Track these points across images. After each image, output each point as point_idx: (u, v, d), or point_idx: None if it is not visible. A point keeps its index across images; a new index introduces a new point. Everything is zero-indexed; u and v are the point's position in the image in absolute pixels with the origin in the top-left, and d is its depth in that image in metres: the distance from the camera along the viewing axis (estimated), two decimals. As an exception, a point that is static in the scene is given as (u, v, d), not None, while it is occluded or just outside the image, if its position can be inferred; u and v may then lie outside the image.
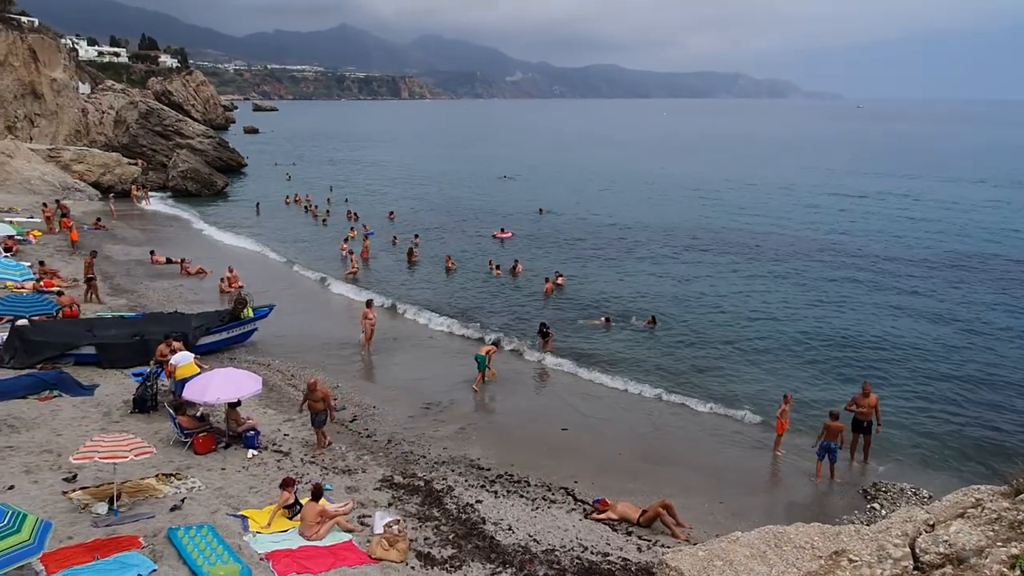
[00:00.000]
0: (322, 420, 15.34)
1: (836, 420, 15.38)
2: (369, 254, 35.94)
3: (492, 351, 20.72)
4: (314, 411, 15.33)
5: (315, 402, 15.28)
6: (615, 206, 52.93)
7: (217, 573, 10.05)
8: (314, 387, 15.37)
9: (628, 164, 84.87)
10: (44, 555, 9.74)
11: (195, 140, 66.61)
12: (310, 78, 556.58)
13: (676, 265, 34.88)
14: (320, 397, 15.25)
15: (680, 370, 21.54)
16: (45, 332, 19.77)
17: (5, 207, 40.62)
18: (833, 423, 15.31)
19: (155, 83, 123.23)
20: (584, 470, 15.38)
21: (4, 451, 13.80)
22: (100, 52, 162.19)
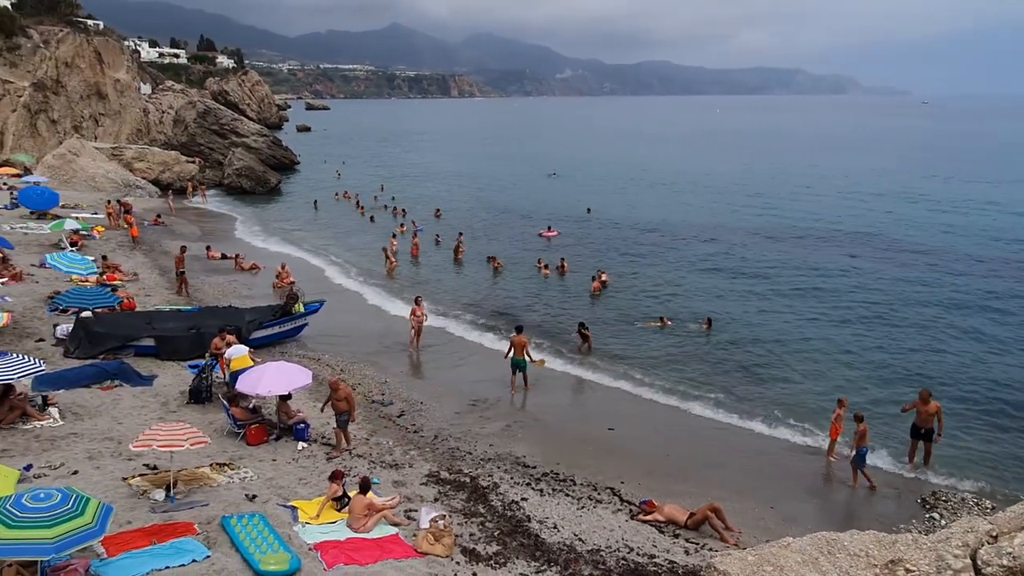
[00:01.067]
0: (344, 421, 15.14)
1: (861, 423, 14.96)
2: (418, 251, 36.26)
3: (526, 344, 19.72)
4: (337, 411, 15.10)
5: (338, 401, 15.01)
6: (666, 204, 52.34)
7: (268, 562, 10.25)
8: (336, 387, 15.12)
9: (679, 162, 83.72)
10: (105, 538, 10.09)
11: (250, 138, 68.17)
12: (361, 77, 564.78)
13: (728, 265, 34.22)
14: (343, 397, 14.96)
15: (733, 372, 21.15)
16: (107, 324, 20.47)
17: (71, 203, 42.22)
18: (862, 426, 14.91)
19: (212, 83, 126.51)
20: (630, 470, 15.25)
21: (69, 437, 14.35)
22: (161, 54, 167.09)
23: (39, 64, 61.12)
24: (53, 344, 19.80)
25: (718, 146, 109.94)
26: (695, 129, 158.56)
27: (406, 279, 32.39)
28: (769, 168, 76.53)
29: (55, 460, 13.25)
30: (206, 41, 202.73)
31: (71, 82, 63.89)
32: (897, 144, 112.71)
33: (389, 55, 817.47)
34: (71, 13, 73.72)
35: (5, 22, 60.73)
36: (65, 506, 9.36)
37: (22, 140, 58.86)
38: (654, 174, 71.10)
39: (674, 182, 65.17)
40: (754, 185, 62.80)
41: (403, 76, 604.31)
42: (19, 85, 59.08)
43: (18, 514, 9.05)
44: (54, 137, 60.69)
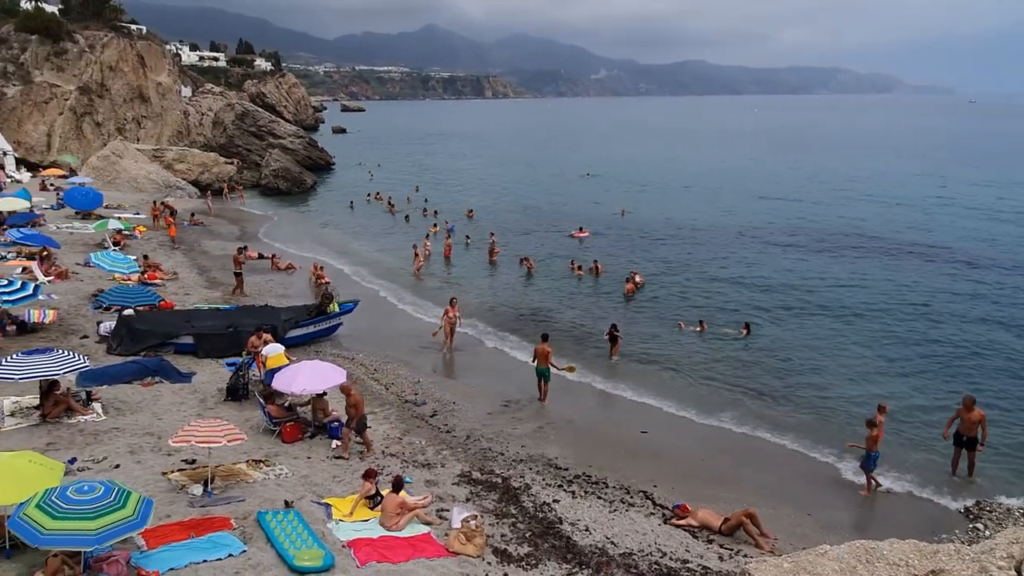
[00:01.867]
0: (364, 426, 15.02)
1: (872, 428, 14.71)
2: (452, 251, 36.44)
3: (550, 353, 19.07)
4: (348, 416, 14.94)
5: (348, 407, 14.83)
6: (701, 206, 51.81)
7: (302, 557, 10.38)
8: (347, 391, 14.96)
9: (715, 163, 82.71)
10: (145, 531, 10.30)
11: (287, 140, 69.18)
12: (396, 79, 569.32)
13: (766, 269, 33.69)
14: (352, 403, 14.75)
15: (770, 377, 20.84)
16: (149, 321, 20.92)
17: (114, 204, 43.27)
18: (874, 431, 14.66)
19: (250, 85, 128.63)
20: (664, 474, 15.12)
21: (112, 432, 14.69)
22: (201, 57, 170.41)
23: (85, 68, 62.76)
24: (97, 341, 20.30)
25: (756, 147, 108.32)
26: (732, 129, 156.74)
27: (440, 279, 32.56)
28: (810, 169, 75.06)
29: (98, 454, 13.58)
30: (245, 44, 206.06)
31: (115, 85, 65.49)
32: (944, 145, 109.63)
33: (424, 56, 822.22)
34: (115, 18, 75.49)
35: (52, 28, 62.47)
36: (108, 499, 9.59)
37: (68, 142, 60.52)
38: (690, 175, 70.46)
39: (710, 183, 64.47)
40: (794, 187, 61.75)
41: (437, 77, 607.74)
42: (66, 89, 60.74)
43: (63, 506, 9.30)
44: (98, 139, 62.29)
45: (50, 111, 59.70)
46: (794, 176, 69.22)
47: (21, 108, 57.95)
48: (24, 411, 15.37)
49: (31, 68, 59.69)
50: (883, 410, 15.84)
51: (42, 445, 13.61)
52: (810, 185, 62.56)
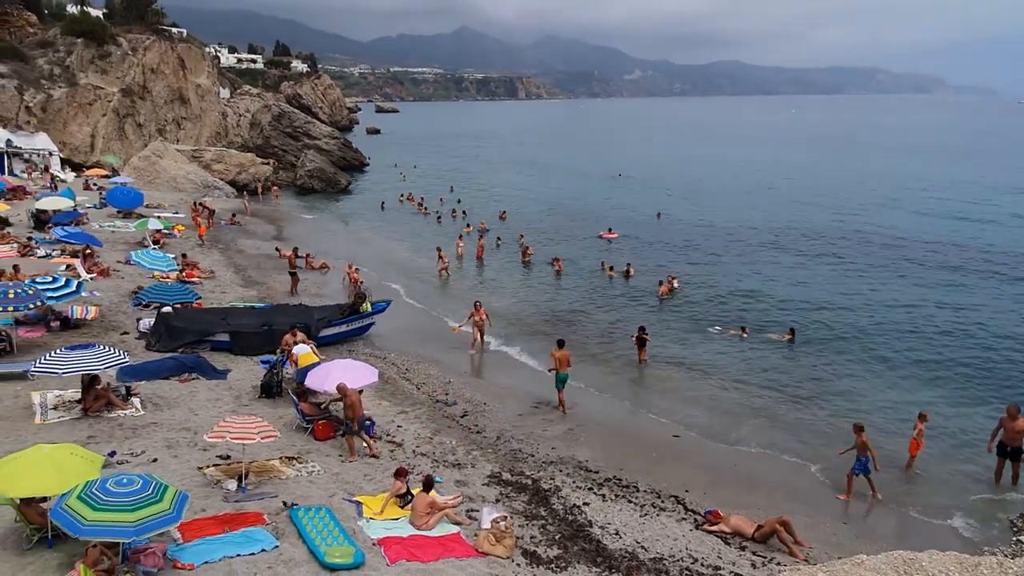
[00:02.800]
0: (363, 426, 14.95)
1: (860, 433, 14.43)
2: (484, 252, 36.50)
3: (568, 358, 18.63)
4: (347, 417, 14.83)
5: (345, 409, 14.74)
6: (737, 207, 51.21)
7: (333, 554, 10.47)
8: (343, 392, 14.84)
9: (751, 164, 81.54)
10: (181, 524, 10.49)
11: (322, 141, 70.00)
12: (430, 80, 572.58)
13: (809, 273, 33.09)
14: (349, 404, 14.65)
15: (809, 382, 20.50)
16: (186, 319, 21.27)
17: (154, 203, 44.17)
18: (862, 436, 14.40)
19: (287, 87, 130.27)
20: (696, 479, 14.96)
21: (150, 427, 14.98)
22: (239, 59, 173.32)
23: (127, 71, 64.20)
24: (136, 337, 20.71)
25: (793, 147, 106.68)
26: (768, 130, 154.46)
27: (472, 280, 32.64)
28: (849, 171, 73.69)
29: (136, 448, 13.86)
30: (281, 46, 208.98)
31: (156, 87, 66.89)
32: (998, 148, 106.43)
33: (458, 58, 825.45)
34: (157, 22, 77.10)
35: (97, 31, 64.02)
36: (146, 492, 9.78)
37: (111, 143, 61.98)
38: (725, 177, 69.67)
39: (746, 185, 63.65)
40: (833, 189, 60.52)
41: (471, 79, 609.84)
42: (109, 91, 62.21)
43: (103, 498, 9.51)
44: (140, 140, 63.68)
45: (94, 112, 61.19)
46: (834, 179, 67.93)
47: (67, 110, 59.46)
48: (66, 405, 15.75)
49: (76, 71, 61.24)
50: (924, 418, 15.48)
51: (83, 438, 13.93)
52: (852, 188, 61.31)
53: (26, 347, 19.09)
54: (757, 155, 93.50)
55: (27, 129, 56.32)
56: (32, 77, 58.93)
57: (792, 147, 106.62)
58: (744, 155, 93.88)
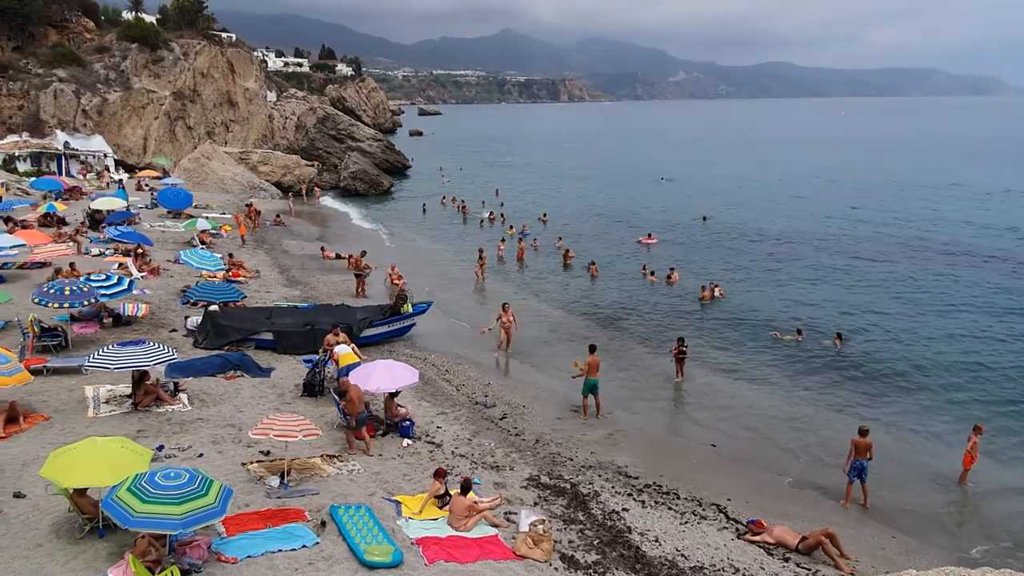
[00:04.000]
0: (363, 420, 14.98)
1: (864, 436, 14.05)
2: (524, 255, 36.50)
3: (598, 364, 18.23)
4: (349, 412, 14.87)
5: (346, 404, 14.79)
6: (784, 211, 50.42)
7: (372, 552, 10.54)
8: (345, 386, 15.02)
9: (800, 167, 79.95)
10: (225, 518, 10.69)
11: (365, 143, 70.89)
12: (472, 82, 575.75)
13: (858, 278, 32.34)
14: (350, 399, 14.70)
15: (856, 390, 20.03)
16: (232, 317, 21.69)
17: (203, 204, 45.21)
18: (861, 440, 13.99)
19: (332, 90, 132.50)
20: (738, 488, 14.69)
21: (196, 422, 15.31)
22: (286, 63, 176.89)
23: (179, 75, 65.96)
24: (184, 335, 21.20)
25: (844, 150, 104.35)
26: (817, 133, 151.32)
27: (512, 283, 32.64)
28: (902, 174, 71.80)
29: (184, 442, 14.18)
30: (327, 50, 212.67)
31: (206, 91, 68.57)
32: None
33: (500, 60, 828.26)
34: (208, 27, 79.13)
35: (151, 37, 65.94)
36: (192, 486, 9.98)
37: (162, 145, 63.73)
38: (773, 180, 68.45)
39: (794, 189, 62.38)
40: (886, 193, 59.09)
41: (513, 81, 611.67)
42: (161, 94, 63.99)
43: (151, 491, 9.74)
44: (189, 142, 65.33)
45: (147, 115, 62.98)
46: (885, 184, 66.22)
47: (121, 113, 61.32)
48: (118, 399, 16.19)
49: (131, 75, 63.12)
50: (979, 431, 14.97)
51: (133, 432, 14.29)
52: (903, 192, 59.80)
53: (80, 343, 19.71)
54: (806, 159, 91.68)
55: (84, 132, 58.26)
56: (89, 81, 60.93)
57: (843, 151, 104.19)
58: (792, 159, 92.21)
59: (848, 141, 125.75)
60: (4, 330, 20.03)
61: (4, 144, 53.16)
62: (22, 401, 14.97)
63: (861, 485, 14.28)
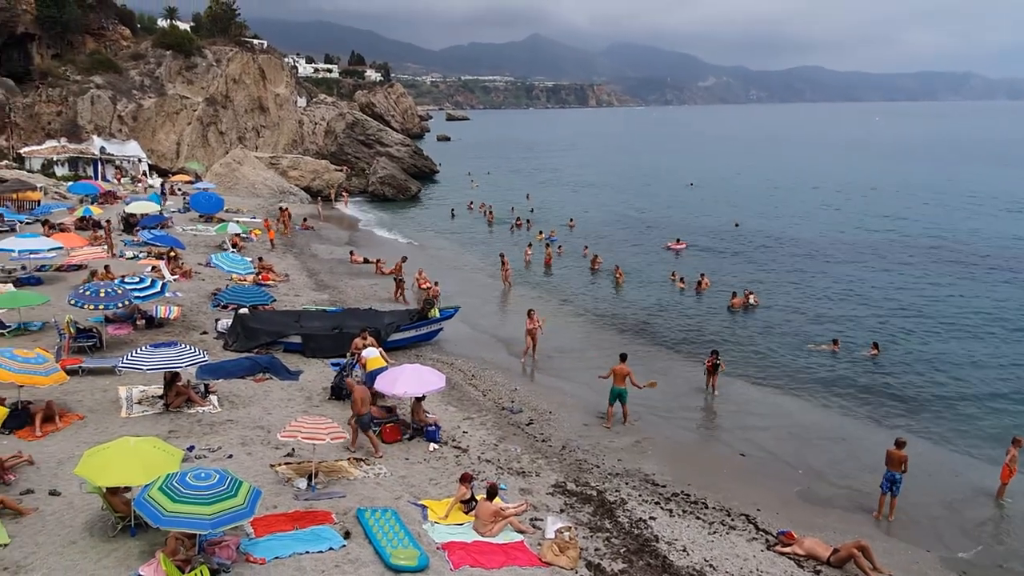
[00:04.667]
0: (366, 423, 15.00)
1: (900, 448, 13.72)
2: (552, 261, 36.43)
3: (629, 373, 17.95)
4: (357, 413, 14.98)
5: (352, 404, 15.00)
6: (817, 219, 49.75)
7: (398, 556, 10.56)
8: (350, 387, 15.46)
9: (833, 174, 78.67)
10: (254, 519, 10.79)
11: (393, 148, 71.38)
12: (500, 88, 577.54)
13: (893, 287, 31.77)
14: (355, 400, 14.85)
15: (891, 401, 19.68)
16: (261, 320, 21.94)
17: (234, 208, 45.85)
18: (896, 451, 13.67)
19: (361, 96, 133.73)
20: (768, 498, 14.48)
21: (226, 424, 15.49)
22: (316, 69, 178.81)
23: (211, 81, 67.03)
24: (215, 337, 21.48)
25: (878, 156, 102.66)
26: (851, 138, 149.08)
27: (539, 288, 32.58)
28: (938, 181, 70.45)
29: (213, 443, 14.35)
30: (356, 56, 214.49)
31: (238, 97, 69.58)
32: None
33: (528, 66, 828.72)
34: (240, 34, 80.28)
35: (185, 44, 67.13)
36: (222, 487, 10.09)
37: (195, 150, 64.76)
38: (804, 187, 67.57)
39: (827, 196, 61.53)
40: (922, 200, 57.92)
41: (541, 86, 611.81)
42: (194, 100, 65.06)
43: (182, 490, 9.86)
44: (221, 147, 66.32)
45: (180, 121, 64.08)
46: (920, 188, 65.02)
47: (155, 118, 62.47)
48: (150, 400, 16.44)
49: (165, 81, 64.31)
50: (1018, 444, 14.59)
51: (164, 432, 14.50)
52: (940, 199, 58.62)
53: (114, 344, 20.08)
54: (840, 165, 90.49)
55: (119, 137, 59.45)
56: (125, 88, 62.18)
57: (878, 157, 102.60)
58: (825, 165, 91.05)
59: (883, 146, 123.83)
60: (42, 331, 20.49)
61: (43, 149, 54.42)
62: (58, 401, 15.28)
63: (891, 497, 14.00)
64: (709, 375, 20.24)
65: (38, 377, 14.43)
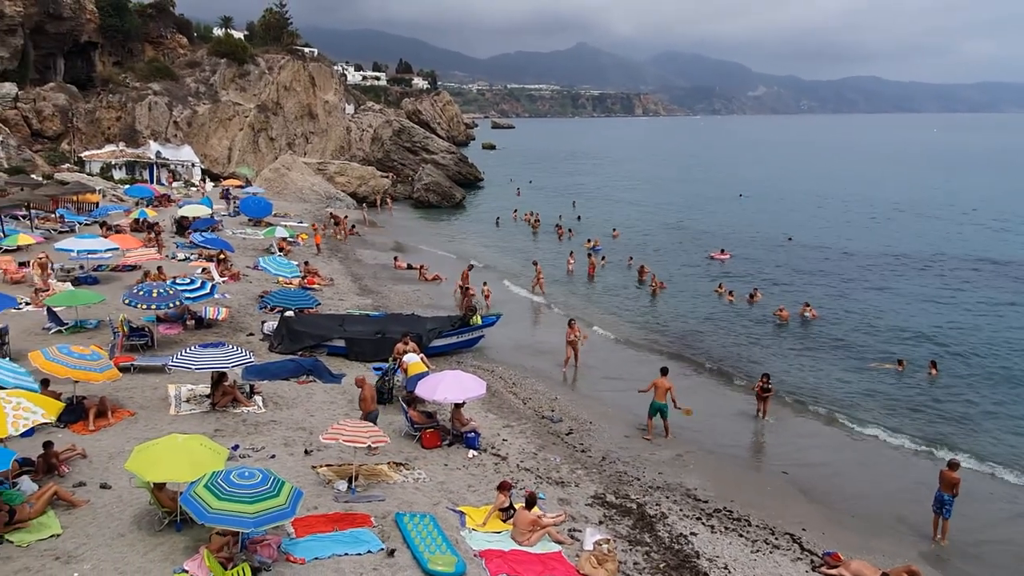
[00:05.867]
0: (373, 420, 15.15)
1: (953, 470, 13.20)
2: (595, 270, 36.25)
3: (671, 388, 17.65)
4: (366, 411, 15.24)
5: (361, 401, 15.30)
6: (875, 233, 48.49)
7: (436, 562, 10.56)
8: (360, 383, 15.67)
9: (891, 186, 76.79)
10: (294, 520, 10.90)
11: (439, 155, 71.96)
12: (546, 96, 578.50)
13: (954, 304, 30.90)
14: (362, 397, 15.12)
15: (949, 422, 19.04)
16: (306, 323, 22.24)
17: (281, 213, 46.74)
18: (949, 473, 13.14)
19: (408, 103, 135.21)
20: (814, 518, 14.08)
21: (270, 424, 15.73)
22: (364, 77, 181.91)
23: (263, 88, 68.66)
24: (260, 339, 21.83)
25: (937, 169, 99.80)
26: (909, 151, 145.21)
27: (581, 298, 32.43)
28: (1002, 196, 68.06)
29: (257, 443, 14.56)
30: (404, 64, 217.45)
31: (288, 104, 71.12)
32: None
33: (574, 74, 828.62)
34: (291, 42, 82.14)
35: (239, 52, 68.91)
36: (265, 486, 10.24)
37: (245, 155, 66.35)
38: (858, 200, 65.94)
39: (883, 210, 59.91)
40: (984, 216, 56.06)
41: (587, 95, 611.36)
42: (246, 107, 66.67)
43: (227, 488, 10.03)
44: (271, 153, 67.81)
45: (232, 127, 65.72)
46: (982, 203, 62.84)
47: (209, 124, 64.19)
48: (197, 398, 16.79)
49: (219, 88, 66.08)
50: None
51: (211, 431, 14.77)
52: (1003, 214, 56.64)
53: (165, 343, 20.59)
54: (896, 177, 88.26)
55: (174, 142, 61.24)
56: (181, 94, 64.07)
57: (937, 169, 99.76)
58: (881, 177, 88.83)
59: (942, 159, 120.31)
60: (97, 329, 21.12)
61: (102, 153, 56.35)
62: (111, 397, 15.71)
63: (942, 520, 13.52)
64: (759, 400, 19.29)
65: (93, 373, 14.86)
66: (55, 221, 37.29)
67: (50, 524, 10.82)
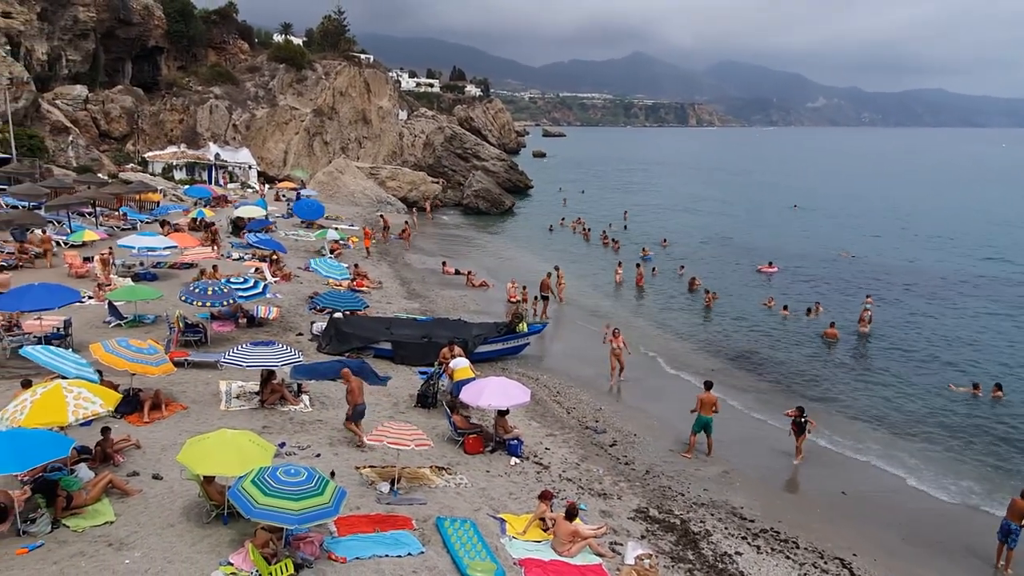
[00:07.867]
0: (359, 413, 15.30)
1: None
2: (643, 281, 35.87)
3: (715, 402, 17.17)
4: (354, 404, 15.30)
5: (348, 393, 15.39)
6: (934, 248, 47.04)
7: (476, 568, 10.53)
8: (346, 377, 15.67)
9: (956, 202, 74.13)
10: (337, 518, 10.99)
11: (489, 162, 72.27)
12: (598, 105, 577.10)
13: (1015, 326, 29.68)
14: (349, 390, 15.23)
15: (1011, 447, 18.28)
16: (354, 325, 22.51)
17: (333, 216, 47.52)
18: (1019, 501, 12.53)
19: (460, 110, 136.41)
20: (865, 544, 13.59)
21: (316, 423, 15.94)
22: (418, 83, 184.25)
23: (320, 93, 70.00)
24: (309, 339, 22.16)
25: (1008, 186, 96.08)
26: (976, 165, 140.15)
27: (628, 308, 32.11)
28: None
29: (303, 442, 14.78)
30: (457, 71, 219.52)
31: (343, 109, 72.35)
32: None
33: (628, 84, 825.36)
34: (348, 49, 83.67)
35: (297, 58, 70.49)
36: (310, 484, 10.36)
37: (300, 159, 67.70)
38: (920, 216, 63.86)
39: (947, 225, 58.01)
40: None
41: (640, 104, 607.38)
42: (303, 111, 68.08)
43: (273, 485, 10.19)
44: (325, 157, 69.04)
45: (288, 131, 67.17)
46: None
47: (266, 128, 65.74)
48: (247, 395, 17.13)
49: (277, 93, 67.63)
50: None
51: (259, 427, 15.05)
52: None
53: (217, 340, 21.07)
54: (962, 193, 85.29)
55: (232, 145, 62.89)
56: (240, 98, 65.79)
57: (1007, 186, 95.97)
58: (946, 192, 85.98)
59: (1013, 176, 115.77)
60: (154, 324, 21.75)
61: (164, 154, 58.19)
62: (165, 390, 16.14)
63: (1007, 549, 12.93)
64: (793, 434, 17.39)
65: (149, 367, 15.29)
66: (118, 219, 38.60)
67: (104, 511, 11.16)
